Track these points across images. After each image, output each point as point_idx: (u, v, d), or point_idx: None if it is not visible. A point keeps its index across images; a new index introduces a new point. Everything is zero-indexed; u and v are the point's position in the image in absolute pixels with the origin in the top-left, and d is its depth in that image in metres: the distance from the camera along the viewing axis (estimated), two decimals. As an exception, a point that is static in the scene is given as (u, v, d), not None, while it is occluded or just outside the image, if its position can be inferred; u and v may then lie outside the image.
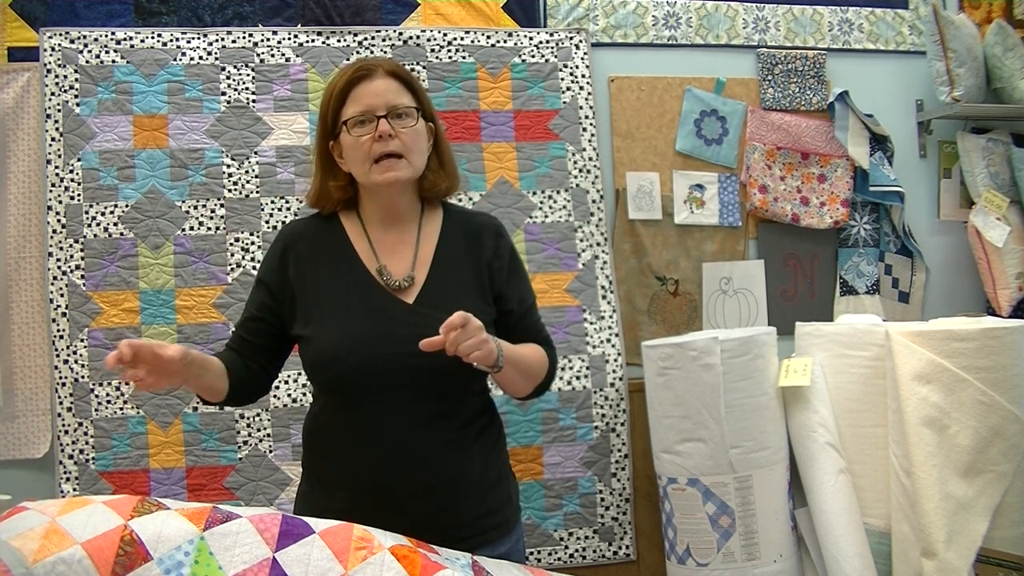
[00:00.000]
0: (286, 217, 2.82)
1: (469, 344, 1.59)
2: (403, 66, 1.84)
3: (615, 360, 2.98)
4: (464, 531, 1.75)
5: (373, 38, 2.93)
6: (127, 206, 2.75)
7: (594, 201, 3.02)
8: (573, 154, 3.02)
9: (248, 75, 2.86)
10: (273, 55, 2.88)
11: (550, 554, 2.88)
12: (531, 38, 3.04)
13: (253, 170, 2.83)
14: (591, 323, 2.97)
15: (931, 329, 2.52)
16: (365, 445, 1.69)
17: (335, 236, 1.85)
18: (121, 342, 1.53)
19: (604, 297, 3.00)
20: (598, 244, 3.01)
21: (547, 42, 3.05)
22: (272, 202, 2.83)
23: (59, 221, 2.73)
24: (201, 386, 1.73)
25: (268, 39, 2.88)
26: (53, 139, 2.74)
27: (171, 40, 2.83)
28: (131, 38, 2.80)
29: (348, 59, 2.91)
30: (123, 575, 1.38)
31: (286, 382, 2.76)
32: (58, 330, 2.70)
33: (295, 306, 1.81)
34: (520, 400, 2.15)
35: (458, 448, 1.73)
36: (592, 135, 3.05)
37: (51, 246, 2.72)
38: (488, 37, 3.01)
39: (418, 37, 2.96)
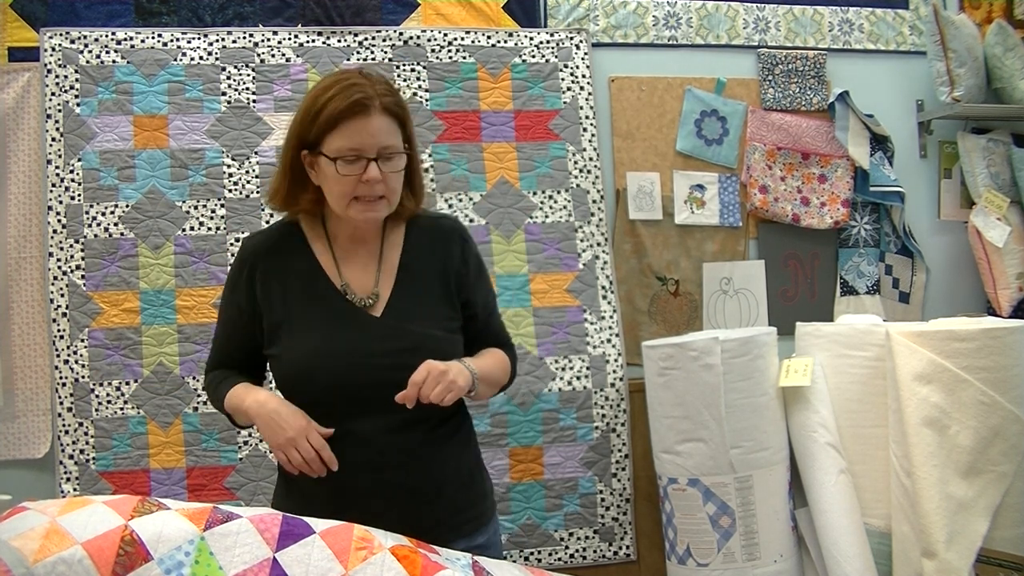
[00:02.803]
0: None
1: (438, 391, 1.63)
2: (396, 92, 1.77)
3: (615, 360, 2.98)
4: (442, 528, 1.75)
5: (373, 38, 2.93)
6: (127, 206, 2.75)
7: (594, 201, 3.02)
8: (573, 154, 3.03)
9: (248, 75, 2.86)
10: (273, 55, 2.88)
11: (550, 554, 2.88)
12: (531, 38, 3.04)
13: (253, 170, 2.83)
14: (591, 323, 2.97)
15: (931, 329, 2.52)
16: (341, 453, 1.69)
17: (299, 251, 1.82)
18: (324, 456, 1.65)
19: (604, 297, 3.00)
20: (598, 244, 3.01)
21: (547, 42, 3.05)
22: (272, 202, 2.83)
23: (59, 221, 2.73)
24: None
25: (268, 39, 2.88)
26: (53, 139, 2.74)
27: (171, 40, 2.83)
28: (131, 38, 2.80)
29: (348, 59, 2.91)
30: (123, 575, 1.38)
31: (286, 382, 2.76)
32: (58, 330, 2.70)
33: (264, 323, 1.79)
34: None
35: (432, 450, 1.74)
36: (592, 135, 3.05)
37: (51, 246, 2.72)
38: (488, 37, 3.01)
39: (418, 37, 2.96)
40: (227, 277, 1.87)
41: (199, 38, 2.84)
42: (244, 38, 2.87)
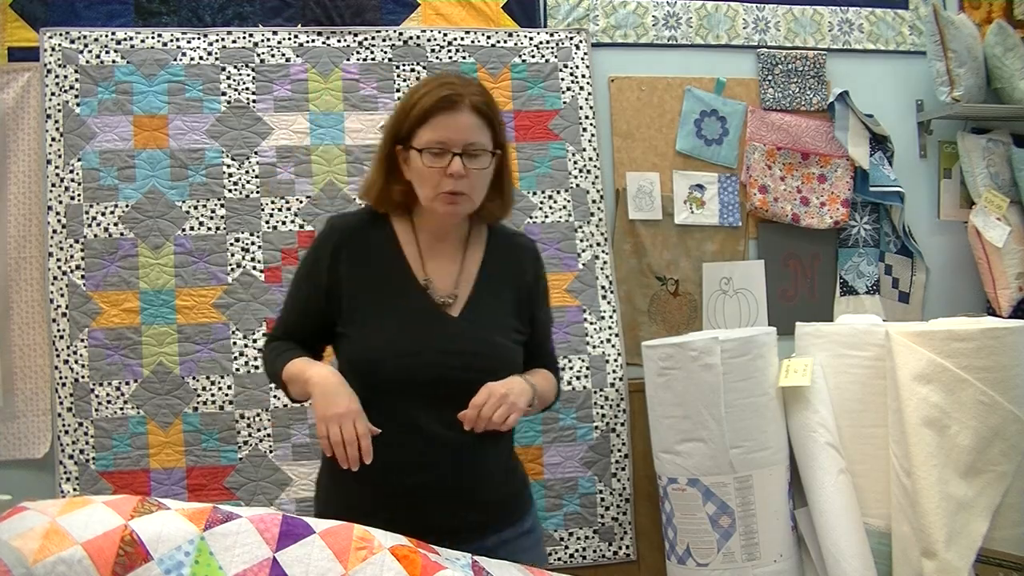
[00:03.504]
0: (286, 217, 2.82)
1: (500, 413, 1.70)
2: (488, 95, 1.82)
3: (615, 360, 2.99)
4: (490, 518, 1.82)
5: (373, 38, 2.94)
6: (127, 206, 2.75)
7: (594, 201, 3.03)
8: (573, 154, 3.03)
9: (248, 75, 2.86)
10: (273, 55, 2.88)
11: (550, 554, 2.88)
12: (531, 38, 3.04)
13: (253, 170, 2.83)
14: (591, 323, 2.97)
15: (931, 329, 2.52)
16: (394, 444, 1.71)
17: (386, 239, 1.87)
18: (363, 445, 1.65)
19: (604, 297, 3.00)
20: (598, 244, 3.02)
21: (547, 42, 3.05)
22: (272, 202, 2.83)
23: (59, 221, 2.73)
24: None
25: (268, 39, 2.88)
26: (53, 139, 2.74)
27: (171, 40, 2.83)
28: (131, 38, 2.80)
29: (348, 59, 2.91)
30: (123, 575, 1.38)
31: (286, 382, 2.76)
32: (58, 330, 2.70)
33: (342, 303, 1.82)
34: None
35: (483, 445, 1.76)
36: (592, 135, 3.05)
37: (51, 246, 2.72)
38: (488, 37, 3.01)
39: (418, 37, 2.96)
40: (307, 252, 1.90)
41: (199, 38, 2.84)
42: (244, 38, 2.87)
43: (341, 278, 1.82)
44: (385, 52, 2.94)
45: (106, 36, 2.79)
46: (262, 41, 2.88)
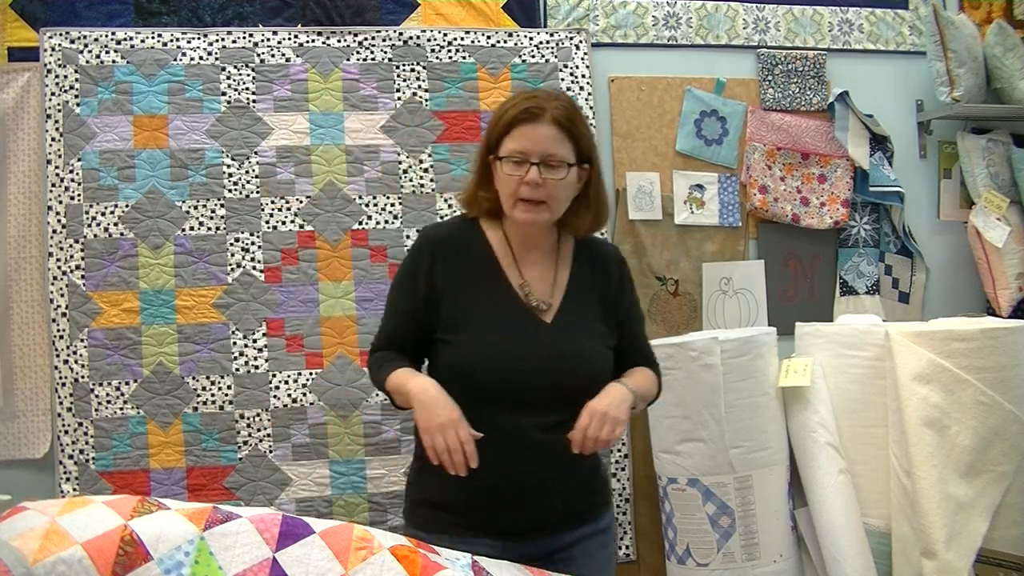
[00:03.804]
0: (286, 217, 2.82)
1: (605, 431, 1.75)
2: (572, 109, 1.88)
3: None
4: (574, 515, 1.89)
5: (373, 38, 2.94)
6: (127, 206, 2.75)
7: (594, 201, 3.02)
8: (573, 154, 3.02)
9: (248, 75, 2.86)
10: (273, 55, 2.88)
11: (550, 554, 2.87)
12: (531, 38, 3.04)
13: (253, 170, 2.83)
14: (591, 323, 2.97)
15: (931, 329, 2.53)
16: (489, 446, 1.74)
17: (479, 246, 1.93)
18: (467, 451, 1.70)
19: (604, 297, 3.00)
20: (598, 244, 3.01)
21: (547, 42, 3.05)
22: (272, 202, 2.83)
23: (59, 221, 2.73)
24: None
25: (268, 39, 2.88)
26: (53, 139, 2.74)
27: (171, 40, 2.83)
28: (131, 38, 2.80)
29: (348, 60, 2.91)
30: (123, 575, 1.38)
31: (286, 382, 2.76)
32: (58, 330, 2.70)
33: (440, 310, 1.88)
34: None
35: (569, 451, 1.80)
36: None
37: (51, 246, 2.72)
38: (488, 37, 3.01)
39: (418, 37, 2.96)
40: (402, 264, 1.97)
41: (199, 38, 2.84)
42: (244, 38, 2.87)
43: (438, 286, 1.88)
44: (385, 52, 2.94)
45: (106, 36, 2.79)
46: (262, 41, 2.88)
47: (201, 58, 2.83)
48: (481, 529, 1.82)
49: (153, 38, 2.81)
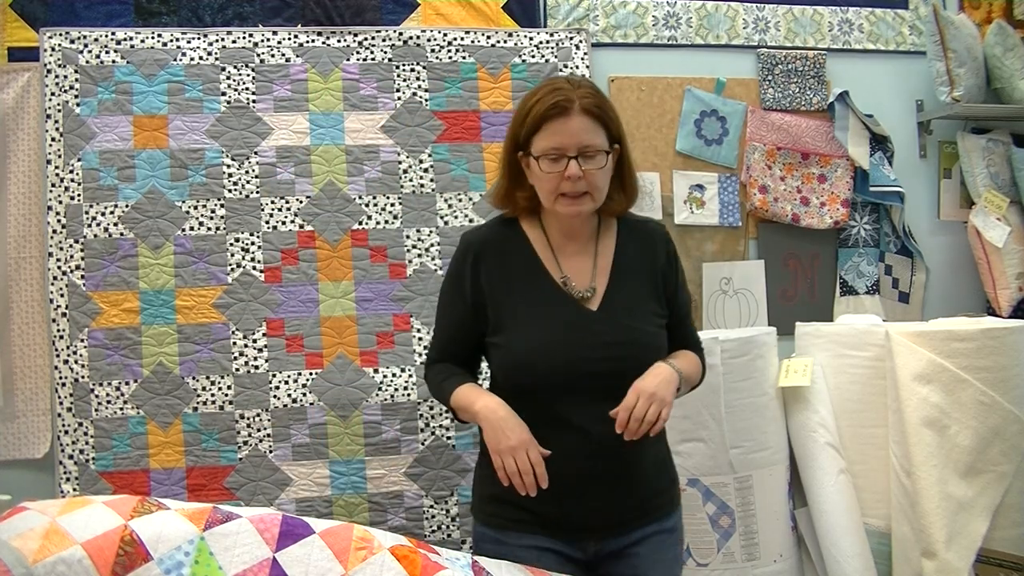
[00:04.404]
0: (286, 217, 2.82)
1: (652, 411, 1.72)
2: (598, 95, 1.86)
3: (615, 360, 2.98)
4: (638, 512, 1.86)
5: (373, 38, 2.93)
6: (127, 206, 2.75)
7: (594, 201, 3.02)
8: (573, 154, 3.02)
9: (248, 75, 2.86)
10: (273, 55, 2.88)
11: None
12: (531, 38, 3.04)
13: (253, 170, 2.83)
14: (591, 323, 2.97)
15: (931, 329, 2.53)
16: (547, 437, 1.75)
17: (520, 244, 1.93)
18: (538, 473, 1.71)
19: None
20: (598, 244, 3.01)
21: (547, 42, 3.05)
22: (272, 202, 2.83)
23: (59, 221, 2.73)
24: None
25: (268, 39, 2.88)
26: (53, 139, 2.74)
27: (171, 40, 2.83)
28: (131, 38, 2.80)
29: (348, 60, 2.91)
30: (123, 575, 1.38)
31: (286, 383, 2.76)
32: (58, 330, 2.70)
33: (487, 313, 1.89)
34: None
35: (637, 440, 1.77)
36: (592, 135, 3.05)
37: (51, 246, 2.72)
38: (488, 37, 3.01)
39: (418, 37, 2.96)
40: (447, 272, 1.98)
41: (199, 38, 2.84)
42: (244, 38, 2.87)
43: (483, 289, 1.89)
44: (385, 52, 2.94)
45: (106, 36, 2.79)
46: (262, 41, 2.88)
47: (201, 58, 2.83)
48: (546, 525, 1.82)
49: (153, 38, 2.81)
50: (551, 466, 1.74)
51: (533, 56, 3.02)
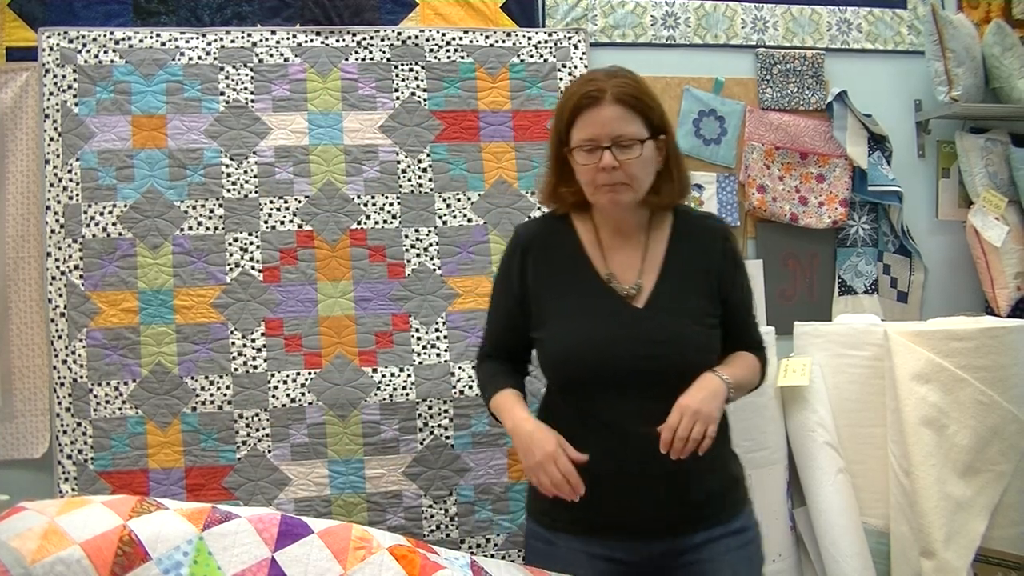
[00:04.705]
0: (284, 217, 2.82)
1: (697, 430, 1.68)
2: (633, 84, 1.83)
3: (614, 360, 2.98)
4: (695, 515, 1.81)
5: (371, 38, 2.93)
6: (126, 206, 2.75)
7: (593, 201, 3.02)
8: (572, 154, 3.02)
9: (247, 75, 2.86)
10: (272, 55, 2.88)
11: (549, 554, 2.87)
12: (529, 38, 3.04)
13: (252, 170, 2.82)
14: (590, 323, 2.97)
15: (930, 329, 2.53)
16: (592, 438, 1.74)
17: (568, 239, 1.91)
18: (571, 482, 1.69)
19: (603, 297, 3.00)
20: (597, 244, 3.01)
21: (545, 42, 3.05)
22: (271, 202, 2.82)
23: (57, 221, 2.72)
24: None
25: (267, 39, 2.88)
26: (51, 139, 2.74)
27: (170, 40, 2.83)
28: (130, 38, 2.80)
29: (347, 59, 2.90)
30: (122, 575, 1.38)
31: (284, 382, 2.76)
32: (56, 330, 2.70)
33: (532, 308, 1.88)
34: None
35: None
36: (591, 135, 3.05)
37: (49, 246, 2.72)
38: (486, 37, 3.01)
39: (416, 37, 2.96)
40: (499, 264, 1.97)
41: (197, 38, 2.84)
42: (242, 38, 2.87)
43: (529, 284, 1.88)
44: (384, 52, 2.94)
45: (104, 36, 2.79)
46: (260, 41, 2.88)
47: (200, 58, 2.83)
48: (595, 529, 1.79)
49: (152, 38, 2.81)
50: (592, 467, 1.72)
51: (532, 56, 3.02)
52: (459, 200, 2.92)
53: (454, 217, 2.91)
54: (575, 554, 1.80)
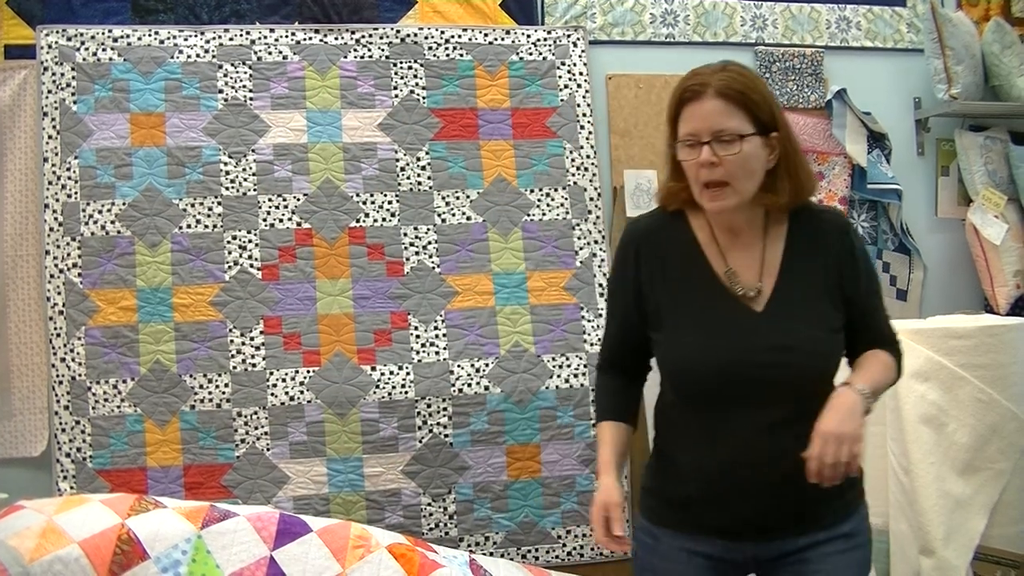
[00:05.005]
0: (283, 215, 2.82)
1: (844, 455, 1.61)
2: (739, 78, 1.78)
3: (613, 358, 2.98)
4: (800, 517, 1.76)
5: (370, 36, 2.93)
6: (124, 204, 2.75)
7: (592, 199, 3.02)
8: (571, 152, 3.02)
9: (245, 73, 2.85)
10: (270, 53, 2.87)
11: (548, 552, 2.88)
12: (528, 36, 3.03)
13: (250, 168, 2.82)
14: (589, 321, 2.97)
15: (929, 327, 2.53)
16: (711, 444, 1.72)
17: (682, 236, 1.84)
18: (617, 536, 1.72)
19: (602, 295, 3.00)
20: (596, 242, 3.01)
21: (545, 40, 3.04)
22: (269, 200, 2.82)
23: (56, 219, 2.72)
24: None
25: (265, 37, 2.88)
26: (50, 137, 2.74)
27: (168, 38, 2.82)
28: (128, 36, 2.80)
29: (346, 57, 2.90)
30: (120, 574, 1.38)
31: (283, 380, 2.76)
32: (55, 328, 2.70)
33: (647, 308, 1.82)
34: None
35: (799, 446, 1.67)
36: (590, 133, 3.05)
37: (48, 244, 2.72)
38: (486, 35, 3.00)
39: (415, 35, 2.96)
40: (613, 262, 1.91)
41: (196, 36, 2.84)
42: (241, 36, 2.87)
43: (643, 282, 1.82)
44: (382, 50, 2.93)
45: (103, 34, 2.79)
46: (259, 39, 2.87)
47: (198, 56, 2.83)
48: (700, 526, 1.77)
49: (150, 36, 2.81)
50: (706, 470, 1.72)
51: (531, 54, 3.02)
52: (458, 198, 2.92)
53: (453, 215, 2.91)
54: (675, 551, 1.79)
